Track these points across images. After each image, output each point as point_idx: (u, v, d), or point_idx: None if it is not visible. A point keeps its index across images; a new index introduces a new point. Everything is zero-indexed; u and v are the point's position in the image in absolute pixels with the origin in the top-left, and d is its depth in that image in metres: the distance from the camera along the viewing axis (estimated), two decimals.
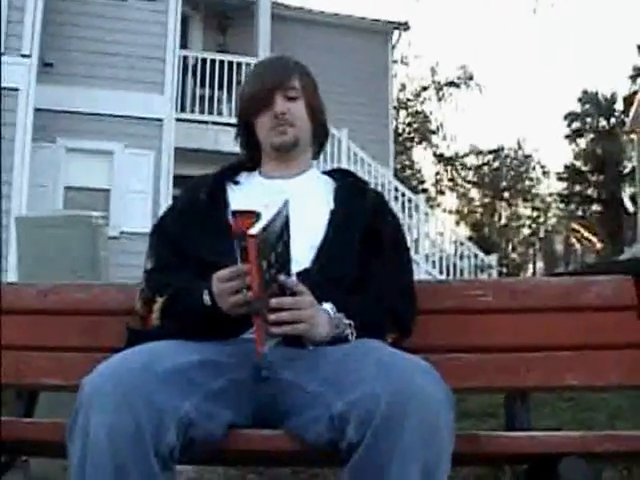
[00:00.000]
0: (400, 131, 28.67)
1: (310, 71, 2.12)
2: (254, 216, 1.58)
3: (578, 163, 35.02)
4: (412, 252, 12.46)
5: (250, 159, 2.13)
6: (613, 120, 33.79)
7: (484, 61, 57.60)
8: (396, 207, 12.61)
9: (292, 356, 1.69)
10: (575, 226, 27.92)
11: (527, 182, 36.17)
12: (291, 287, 1.65)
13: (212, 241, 1.85)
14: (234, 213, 1.63)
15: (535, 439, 1.74)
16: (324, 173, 2.15)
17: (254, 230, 1.51)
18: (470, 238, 23.49)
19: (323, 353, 1.67)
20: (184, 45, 13.28)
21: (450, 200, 36.06)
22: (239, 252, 1.60)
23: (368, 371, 1.51)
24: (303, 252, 1.78)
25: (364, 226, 1.94)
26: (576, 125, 34.96)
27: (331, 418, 1.49)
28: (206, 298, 1.71)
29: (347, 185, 2.06)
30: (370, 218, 1.96)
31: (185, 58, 12.84)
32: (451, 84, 30.52)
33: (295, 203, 1.69)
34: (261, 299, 1.58)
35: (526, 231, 37.23)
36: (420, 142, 32.06)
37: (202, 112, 12.79)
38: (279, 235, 1.61)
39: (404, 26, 16.44)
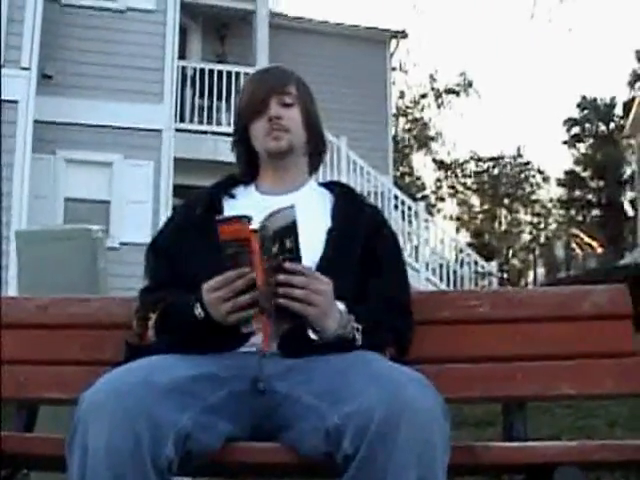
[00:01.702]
0: (399, 138, 28.68)
1: (307, 83, 2.10)
2: (240, 220, 1.60)
3: (578, 169, 35.02)
4: (412, 259, 12.48)
5: (246, 173, 2.11)
6: (612, 125, 33.81)
7: (483, 68, 57.65)
8: (396, 215, 12.61)
9: (288, 368, 1.70)
10: (575, 231, 27.87)
11: (527, 188, 36.14)
12: (305, 274, 1.65)
13: (207, 256, 1.82)
14: (218, 222, 1.64)
15: (532, 449, 1.76)
16: (321, 185, 2.13)
17: (253, 226, 1.58)
18: (470, 244, 23.46)
19: (318, 365, 1.68)
20: (182, 56, 13.30)
21: (450, 207, 36.06)
22: (227, 258, 1.62)
23: (363, 384, 1.52)
24: None
25: (362, 243, 1.94)
26: (575, 131, 34.99)
27: (327, 431, 1.50)
28: (198, 311, 1.71)
29: (344, 200, 2.04)
30: (368, 235, 1.96)
31: (184, 68, 12.84)
32: (450, 91, 30.56)
33: None
34: (264, 295, 1.60)
35: (526, 237, 37.17)
36: (420, 149, 32.09)
37: (201, 122, 12.79)
38: (279, 233, 1.61)
39: (402, 34, 16.49)
